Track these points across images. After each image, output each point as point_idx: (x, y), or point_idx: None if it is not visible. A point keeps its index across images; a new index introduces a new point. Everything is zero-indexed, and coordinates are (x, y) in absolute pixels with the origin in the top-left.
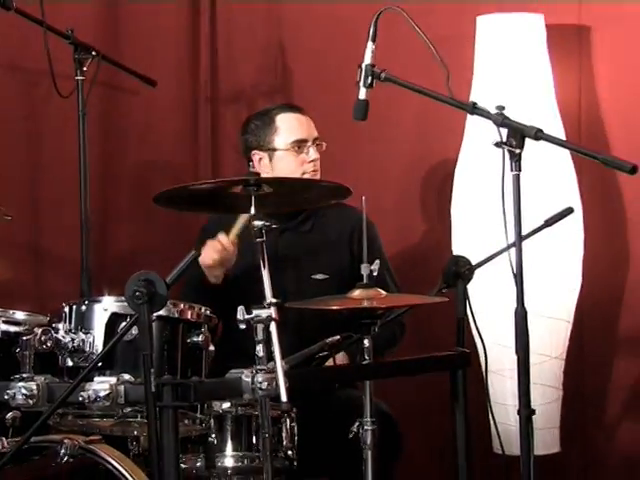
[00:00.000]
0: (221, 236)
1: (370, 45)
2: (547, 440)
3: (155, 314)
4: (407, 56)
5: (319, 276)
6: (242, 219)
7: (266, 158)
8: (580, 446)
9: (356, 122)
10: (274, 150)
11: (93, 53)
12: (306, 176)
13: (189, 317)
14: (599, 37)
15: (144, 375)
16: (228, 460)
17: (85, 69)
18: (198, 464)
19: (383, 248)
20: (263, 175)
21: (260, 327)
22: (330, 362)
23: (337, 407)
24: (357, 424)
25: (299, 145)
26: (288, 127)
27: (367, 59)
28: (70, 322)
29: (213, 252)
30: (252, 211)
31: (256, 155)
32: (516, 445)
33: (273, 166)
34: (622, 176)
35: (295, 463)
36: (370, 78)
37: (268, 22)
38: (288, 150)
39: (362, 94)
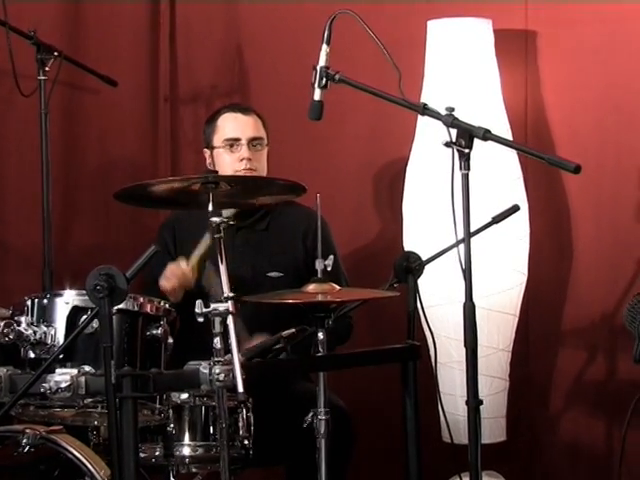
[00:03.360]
0: (182, 262)
1: (325, 47)
2: (494, 429)
3: (115, 307)
4: (361, 58)
5: (274, 274)
6: (204, 244)
7: (210, 157)
8: (525, 435)
9: (311, 122)
10: (213, 148)
11: (55, 53)
12: (238, 174)
13: (148, 310)
14: (545, 41)
15: (104, 367)
16: (186, 449)
17: (47, 69)
18: (157, 453)
19: (336, 247)
20: None
21: (217, 320)
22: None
23: (292, 398)
24: (311, 414)
25: (232, 143)
26: (225, 126)
27: (322, 61)
28: (32, 315)
29: (173, 278)
30: (210, 208)
31: (206, 153)
32: (464, 434)
33: (214, 164)
34: (566, 175)
35: (251, 452)
36: (325, 79)
37: (227, 23)
38: (222, 148)
39: (317, 95)
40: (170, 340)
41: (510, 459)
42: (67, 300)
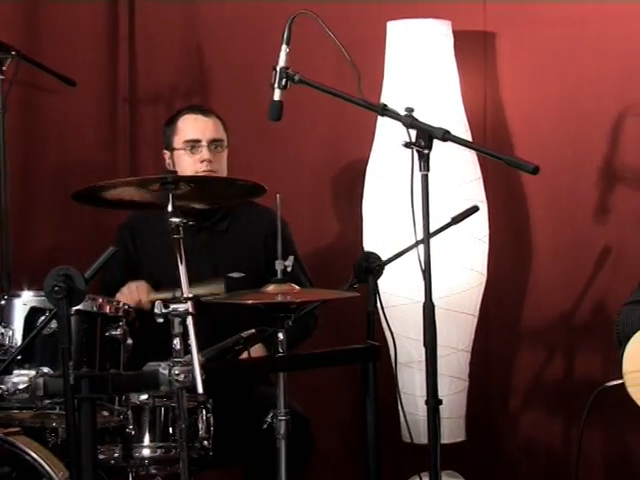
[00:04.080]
0: (143, 291)
1: (284, 48)
2: (453, 429)
3: (74, 308)
4: (321, 59)
5: (235, 275)
6: (169, 295)
7: (170, 158)
8: (485, 435)
9: (271, 122)
10: (173, 149)
11: (13, 53)
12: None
13: (107, 311)
14: (503, 42)
15: (63, 368)
16: (145, 450)
17: (5, 68)
18: (115, 454)
19: (296, 247)
20: None
21: (177, 321)
22: (245, 355)
23: (252, 398)
24: (271, 415)
25: (192, 145)
26: (185, 127)
27: (281, 62)
28: None
29: (129, 299)
30: (169, 208)
31: (165, 155)
32: (424, 434)
33: (174, 165)
34: (525, 176)
35: (210, 453)
36: (284, 80)
37: (186, 23)
38: (182, 149)
39: (277, 95)
40: (129, 341)
41: (469, 459)
42: (25, 301)
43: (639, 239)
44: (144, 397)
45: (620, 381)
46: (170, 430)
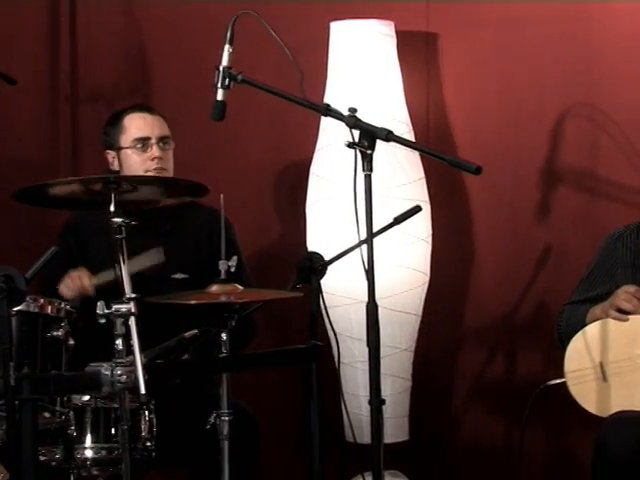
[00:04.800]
0: (84, 275)
1: (227, 48)
2: (396, 429)
3: (14, 309)
4: (264, 59)
5: (179, 276)
6: (111, 275)
7: (116, 157)
8: (427, 434)
9: (214, 122)
10: (120, 149)
11: None
12: (149, 174)
13: (49, 312)
14: (445, 43)
15: (3, 369)
16: (87, 452)
17: None
18: (57, 456)
19: (240, 247)
20: None
21: (119, 321)
22: None
23: (196, 399)
24: (214, 415)
25: (142, 143)
26: (132, 126)
27: (224, 61)
28: None
29: (72, 288)
30: (112, 208)
31: (109, 155)
32: (367, 434)
33: (121, 165)
34: (467, 176)
35: (153, 454)
36: (227, 80)
37: (128, 22)
38: (131, 148)
39: (220, 95)
40: (71, 342)
41: (413, 458)
42: None
43: (579, 239)
44: (86, 398)
45: (561, 380)
46: (112, 431)
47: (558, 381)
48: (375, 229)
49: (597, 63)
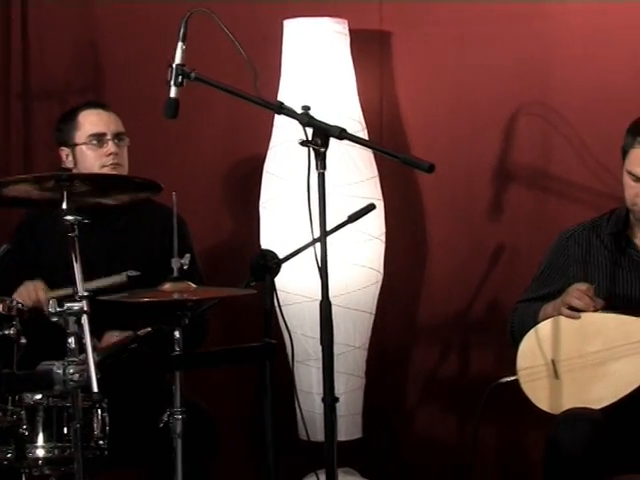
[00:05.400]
0: (39, 290)
1: (180, 45)
2: (350, 426)
3: None
4: (217, 57)
5: (132, 273)
6: (68, 292)
7: (70, 154)
8: (381, 432)
9: (167, 120)
10: (75, 145)
11: None
12: (105, 170)
13: (0, 310)
14: (399, 41)
15: None
16: (39, 451)
17: None
18: (8, 455)
19: (193, 245)
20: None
21: (72, 320)
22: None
23: (149, 397)
24: (167, 413)
25: (98, 139)
26: (87, 122)
27: (177, 59)
28: None
29: (26, 299)
30: (64, 206)
31: (63, 152)
32: (320, 431)
33: (76, 161)
34: (421, 174)
35: (106, 452)
36: (180, 77)
37: (81, 19)
38: (87, 144)
39: (173, 93)
40: (23, 340)
41: (366, 456)
42: None
43: (532, 237)
44: (38, 397)
45: (514, 377)
46: (65, 430)
47: (510, 379)
48: (329, 227)
49: (550, 62)
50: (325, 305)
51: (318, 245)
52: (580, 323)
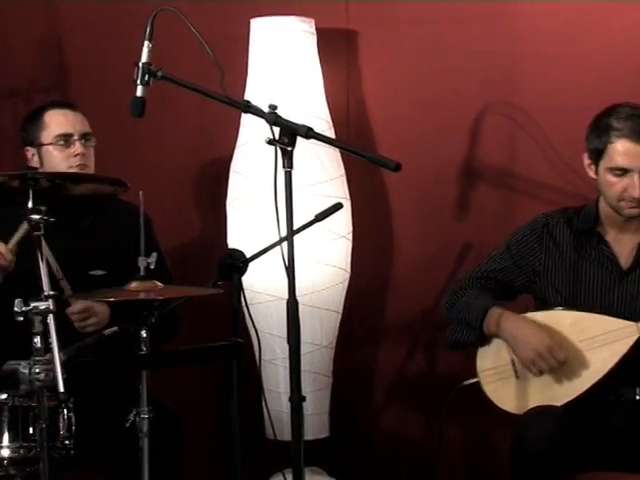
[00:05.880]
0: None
1: (147, 44)
2: (317, 425)
3: None
4: (184, 56)
5: (97, 272)
6: (22, 227)
7: (36, 154)
8: (348, 430)
9: (134, 119)
10: (41, 145)
11: None
12: (72, 170)
13: None
14: (365, 40)
15: None
16: (5, 451)
17: None
18: None
19: (160, 244)
20: None
21: (37, 319)
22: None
23: (116, 397)
24: (134, 413)
25: (65, 139)
26: (54, 122)
27: (144, 58)
28: None
29: None
30: (30, 205)
31: (29, 151)
32: (288, 431)
33: (42, 161)
34: (388, 173)
35: (72, 452)
36: (147, 76)
37: (46, 18)
38: (53, 144)
39: (139, 92)
40: None
41: (333, 455)
42: None
43: (499, 236)
44: (3, 396)
45: (476, 379)
46: (30, 430)
47: (473, 381)
48: (296, 226)
49: (517, 61)
50: (292, 304)
51: (285, 244)
52: (537, 321)
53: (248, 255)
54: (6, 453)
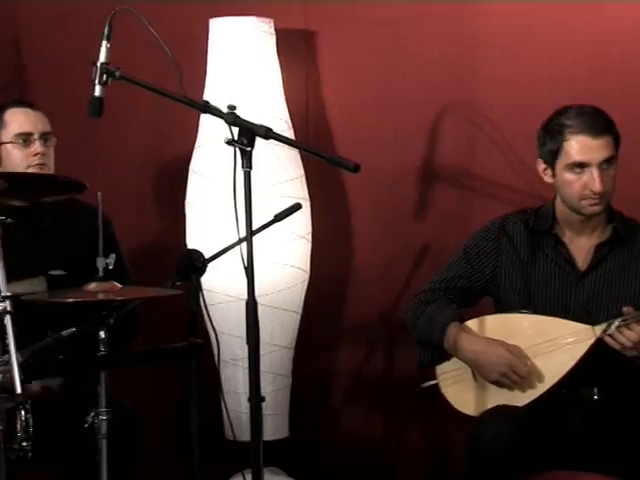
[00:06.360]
0: None
1: (105, 44)
2: (277, 426)
3: None
4: (143, 56)
5: (56, 272)
6: None
7: None
8: (307, 430)
9: (92, 119)
10: (0, 144)
11: None
12: (31, 169)
13: None
14: (324, 41)
15: None
16: None
17: None
18: None
19: (119, 244)
20: None
21: None
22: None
23: (74, 398)
24: (92, 414)
25: (24, 138)
26: (14, 121)
27: (102, 57)
28: None
29: None
30: None
31: None
32: (247, 431)
33: (1, 160)
34: (347, 174)
35: (30, 454)
36: (105, 76)
37: (4, 18)
38: (13, 143)
39: (97, 92)
40: None
41: (292, 455)
42: None
43: (457, 237)
44: None
45: (435, 381)
46: None
47: (432, 383)
48: (255, 226)
49: (474, 62)
50: (251, 305)
51: (244, 244)
52: (496, 324)
53: (207, 255)
54: None
